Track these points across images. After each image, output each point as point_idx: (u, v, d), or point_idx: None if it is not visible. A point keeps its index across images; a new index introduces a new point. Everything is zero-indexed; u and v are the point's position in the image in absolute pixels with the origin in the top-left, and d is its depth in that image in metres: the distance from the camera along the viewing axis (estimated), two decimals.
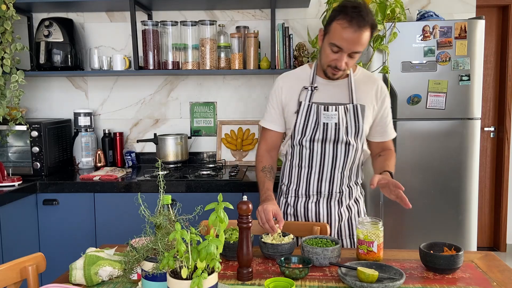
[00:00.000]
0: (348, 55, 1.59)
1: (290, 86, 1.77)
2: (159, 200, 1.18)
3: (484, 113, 4.03)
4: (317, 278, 1.34)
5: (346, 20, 1.53)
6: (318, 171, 1.74)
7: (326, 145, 1.71)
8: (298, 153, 1.76)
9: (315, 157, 1.73)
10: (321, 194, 1.77)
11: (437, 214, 2.41)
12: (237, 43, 2.77)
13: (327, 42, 1.60)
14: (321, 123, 1.69)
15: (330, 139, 1.70)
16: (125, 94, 3.09)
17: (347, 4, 1.56)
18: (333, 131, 1.69)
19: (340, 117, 1.68)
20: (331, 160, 1.72)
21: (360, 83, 1.73)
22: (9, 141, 2.77)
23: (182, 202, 1.28)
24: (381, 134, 1.82)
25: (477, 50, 2.34)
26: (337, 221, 1.78)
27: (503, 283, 1.30)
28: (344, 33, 1.53)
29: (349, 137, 1.70)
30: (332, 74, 1.66)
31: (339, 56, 1.59)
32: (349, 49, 1.57)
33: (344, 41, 1.55)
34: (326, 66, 1.66)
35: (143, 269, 1.12)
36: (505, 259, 3.85)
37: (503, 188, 3.98)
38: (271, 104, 1.81)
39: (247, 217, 1.34)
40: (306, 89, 1.73)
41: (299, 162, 1.77)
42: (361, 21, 1.52)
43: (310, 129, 1.71)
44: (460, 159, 2.39)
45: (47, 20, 2.79)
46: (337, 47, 1.57)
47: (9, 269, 1.33)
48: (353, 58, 1.61)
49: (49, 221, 2.52)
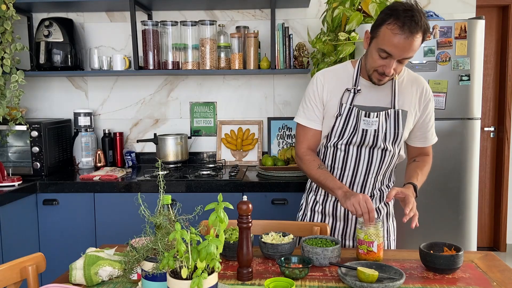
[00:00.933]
0: (397, 61, 1.50)
1: (332, 85, 1.67)
2: (159, 200, 1.18)
3: (484, 113, 4.02)
4: (317, 278, 1.34)
5: (397, 26, 1.42)
6: (351, 175, 1.68)
7: (362, 150, 1.65)
8: (332, 154, 1.70)
9: (350, 160, 1.67)
10: None
11: (437, 214, 2.41)
12: (237, 43, 2.77)
13: (375, 47, 1.51)
14: (360, 128, 1.62)
15: (367, 144, 1.64)
16: (125, 94, 3.09)
17: (398, 6, 1.45)
18: (372, 137, 1.62)
19: (380, 123, 1.61)
20: (365, 164, 1.66)
21: (404, 86, 1.65)
22: (9, 141, 2.77)
23: (182, 202, 1.28)
24: (422, 139, 1.75)
25: (477, 50, 2.34)
26: None
27: (503, 283, 1.30)
28: (394, 39, 1.43)
29: (387, 143, 1.63)
30: (378, 80, 1.57)
31: (387, 62, 1.50)
32: (399, 56, 1.47)
33: (395, 48, 1.45)
34: (372, 71, 1.56)
35: (143, 269, 1.12)
36: (505, 259, 3.85)
37: (503, 188, 3.98)
38: (312, 101, 1.69)
39: (247, 217, 1.34)
40: (349, 91, 1.64)
41: (332, 163, 1.71)
42: (414, 26, 1.41)
43: (348, 133, 1.64)
44: (460, 159, 2.39)
45: (47, 20, 2.79)
46: (387, 53, 1.48)
47: (9, 269, 1.33)
48: (402, 64, 1.53)
49: (49, 221, 2.52)
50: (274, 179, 2.51)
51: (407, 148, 1.80)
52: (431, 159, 1.77)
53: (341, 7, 2.42)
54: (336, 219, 1.76)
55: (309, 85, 1.73)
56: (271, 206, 2.46)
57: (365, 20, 2.36)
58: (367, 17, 2.38)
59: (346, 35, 2.35)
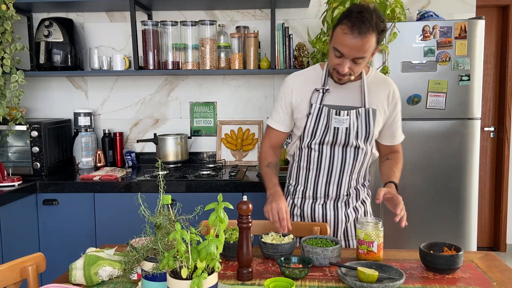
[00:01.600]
0: (351, 60, 1.55)
1: (301, 88, 1.72)
2: (159, 200, 1.18)
3: (484, 113, 4.02)
4: (317, 278, 1.34)
5: (347, 26, 1.48)
6: (326, 174, 1.72)
7: (336, 149, 1.69)
8: (307, 155, 1.74)
9: (324, 160, 1.71)
10: (328, 197, 1.75)
11: (437, 214, 2.41)
12: (237, 43, 2.77)
13: (331, 46, 1.58)
14: (332, 127, 1.66)
15: (340, 143, 1.68)
16: (125, 94, 3.09)
17: (353, 8, 1.52)
18: (344, 135, 1.66)
19: (351, 121, 1.65)
20: (340, 163, 1.70)
21: (372, 86, 1.70)
22: (9, 141, 2.77)
23: (182, 202, 1.28)
24: (390, 137, 1.81)
25: (477, 50, 2.34)
26: (344, 222, 1.77)
27: (503, 283, 1.30)
28: (345, 39, 1.50)
29: (359, 141, 1.67)
30: (337, 79, 1.63)
31: (341, 61, 1.56)
32: (350, 55, 1.53)
33: (345, 47, 1.51)
34: (332, 70, 1.63)
35: (143, 269, 1.12)
36: (505, 259, 3.85)
37: (503, 188, 3.98)
38: (280, 104, 1.77)
39: (247, 217, 1.34)
40: (318, 91, 1.69)
41: (307, 164, 1.75)
42: (363, 27, 1.46)
43: (320, 132, 1.68)
44: (460, 159, 2.39)
45: (47, 20, 2.79)
46: (339, 52, 1.54)
47: (9, 269, 1.33)
48: (357, 64, 1.56)
49: (49, 221, 2.52)
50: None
51: (378, 147, 1.84)
52: (402, 156, 1.84)
53: (341, 7, 2.42)
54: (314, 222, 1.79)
55: (280, 88, 1.79)
56: None
57: None
58: None
59: None
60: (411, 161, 2.40)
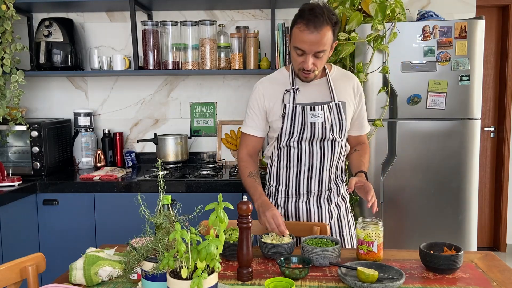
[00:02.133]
0: (313, 55, 1.63)
1: (272, 91, 1.78)
2: (159, 200, 1.18)
3: (484, 113, 4.02)
4: (317, 278, 1.34)
5: (303, 24, 1.58)
6: (307, 170, 1.77)
7: (314, 144, 1.75)
8: (286, 154, 1.78)
9: (304, 156, 1.76)
10: (311, 193, 1.80)
11: (437, 214, 2.41)
12: (237, 43, 2.77)
13: (292, 47, 1.66)
14: (308, 123, 1.72)
15: (318, 137, 1.74)
16: (125, 94, 3.09)
17: (304, 7, 1.62)
18: (320, 130, 1.73)
19: (326, 115, 1.73)
20: (319, 158, 1.76)
21: (337, 81, 1.79)
22: (9, 141, 2.77)
23: (182, 202, 1.28)
24: (359, 128, 1.89)
25: (477, 50, 2.34)
26: (328, 219, 1.82)
27: (503, 283, 1.30)
28: (302, 36, 1.59)
29: (334, 134, 1.75)
30: (304, 77, 1.70)
31: (304, 58, 1.64)
32: (311, 50, 1.61)
33: (304, 44, 1.60)
34: (298, 70, 1.70)
35: (143, 269, 1.12)
36: (505, 259, 3.85)
37: (503, 188, 3.98)
38: (253, 110, 1.82)
39: (247, 217, 1.34)
40: (289, 92, 1.75)
41: (287, 162, 1.79)
42: (317, 22, 1.56)
43: (297, 130, 1.73)
44: (460, 159, 2.39)
45: (47, 20, 2.79)
46: (300, 49, 1.62)
47: (9, 269, 1.33)
48: (319, 59, 1.64)
49: (49, 221, 2.52)
50: None
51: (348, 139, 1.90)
52: (368, 146, 1.93)
53: (341, 7, 2.42)
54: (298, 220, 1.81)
55: (250, 95, 1.84)
56: None
57: (365, 20, 2.36)
58: (367, 17, 2.38)
59: (346, 35, 2.35)
60: (411, 161, 2.41)
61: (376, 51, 2.34)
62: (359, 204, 2.47)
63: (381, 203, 2.42)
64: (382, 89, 2.37)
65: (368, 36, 2.33)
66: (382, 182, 2.42)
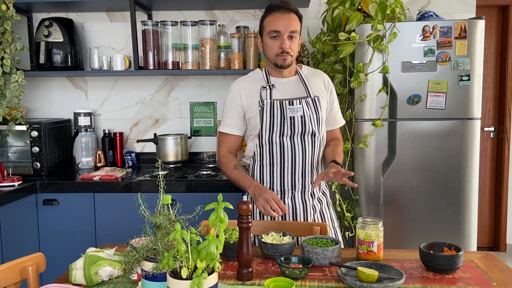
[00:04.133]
0: (288, 37, 1.75)
1: (248, 89, 1.86)
2: (159, 200, 1.18)
3: (484, 113, 4.02)
4: (317, 278, 1.34)
5: (274, 10, 1.77)
6: (290, 165, 1.82)
7: (295, 139, 1.80)
8: (268, 151, 1.82)
9: (286, 152, 1.81)
10: (295, 188, 1.84)
11: (437, 214, 2.41)
12: (237, 43, 2.77)
13: (266, 36, 1.78)
14: (288, 117, 1.78)
15: (298, 132, 1.80)
16: (125, 94, 3.09)
17: (272, 3, 1.84)
18: (300, 123, 1.79)
19: (304, 109, 1.80)
20: (301, 153, 1.81)
21: (309, 77, 1.89)
22: (9, 141, 2.77)
23: (182, 202, 1.28)
24: (332, 122, 1.96)
25: (477, 50, 2.34)
26: (312, 213, 1.86)
27: (503, 283, 1.30)
28: (276, 18, 1.75)
29: (314, 128, 1.81)
30: (282, 60, 1.78)
31: (281, 40, 1.75)
32: (286, 30, 1.74)
33: (279, 25, 1.74)
34: (275, 57, 1.78)
35: (143, 269, 1.12)
36: (505, 259, 3.85)
37: (503, 188, 3.98)
38: (230, 110, 1.88)
39: (247, 217, 1.34)
40: (265, 88, 1.83)
41: (270, 160, 1.83)
42: (285, 6, 1.76)
43: (277, 124, 1.79)
44: (460, 159, 2.39)
45: (47, 20, 2.79)
46: (275, 31, 1.75)
47: (9, 269, 1.33)
48: (293, 41, 1.77)
49: (49, 221, 2.52)
50: None
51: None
52: (342, 142, 1.99)
53: (341, 7, 2.42)
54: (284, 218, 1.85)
55: (226, 97, 1.92)
56: None
57: (365, 20, 2.36)
58: (367, 17, 2.38)
59: (346, 35, 2.35)
60: (411, 161, 2.41)
61: (376, 51, 2.34)
62: (359, 204, 2.47)
63: (381, 203, 2.42)
64: (382, 89, 2.37)
65: (368, 36, 2.33)
66: (382, 182, 2.42)
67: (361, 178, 2.45)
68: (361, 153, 2.45)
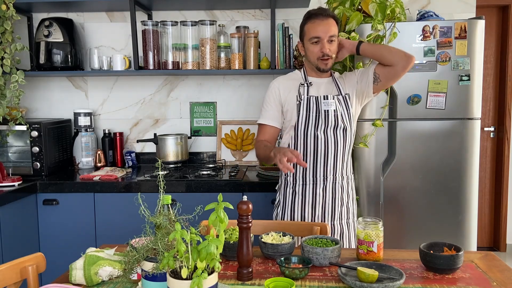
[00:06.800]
0: (327, 42, 1.89)
1: (286, 85, 2.00)
2: (159, 200, 1.18)
3: (484, 113, 4.02)
4: (317, 278, 1.34)
5: (313, 18, 1.91)
6: (323, 157, 1.93)
7: (328, 132, 1.93)
8: (303, 143, 1.94)
9: (320, 144, 1.92)
10: (327, 179, 1.95)
11: (437, 214, 2.41)
12: (237, 43, 2.77)
13: (308, 42, 1.93)
14: (322, 110, 1.92)
15: (331, 125, 1.93)
16: (125, 94, 3.09)
17: (310, 11, 1.96)
18: (333, 117, 1.93)
19: (336, 104, 1.94)
20: (333, 145, 1.93)
21: (339, 78, 2.06)
22: (9, 141, 2.77)
23: (182, 202, 1.28)
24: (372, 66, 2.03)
25: (477, 50, 2.34)
26: (340, 205, 1.98)
27: (503, 283, 1.30)
28: (316, 25, 1.89)
29: (345, 122, 1.95)
30: (324, 64, 1.93)
31: (321, 45, 1.90)
32: (325, 35, 1.88)
33: (319, 31, 1.89)
34: (317, 61, 1.93)
35: (143, 269, 1.12)
36: (505, 259, 3.85)
37: (503, 188, 3.98)
38: (269, 103, 2.01)
39: (247, 217, 1.34)
40: (303, 85, 1.98)
41: (304, 151, 1.94)
42: (323, 13, 1.91)
43: (313, 117, 1.92)
44: (460, 159, 2.39)
45: (47, 20, 2.79)
46: (316, 37, 1.89)
47: (9, 269, 1.33)
48: (331, 44, 1.91)
49: (49, 221, 2.52)
50: (274, 179, 2.51)
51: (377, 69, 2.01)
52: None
53: (341, 7, 2.42)
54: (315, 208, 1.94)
55: (266, 92, 2.04)
56: (271, 206, 2.46)
57: (365, 20, 2.36)
58: (367, 17, 2.38)
59: (346, 35, 2.34)
60: (411, 161, 2.40)
61: None
62: (359, 204, 2.47)
63: (381, 203, 2.42)
64: None
65: (368, 36, 2.33)
66: (382, 182, 2.42)
67: (361, 178, 2.45)
68: (361, 153, 2.45)
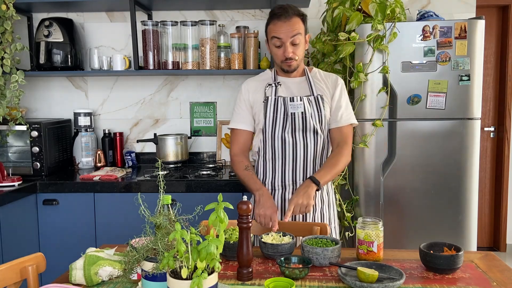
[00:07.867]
0: (291, 44, 1.80)
1: (255, 86, 1.94)
2: (159, 200, 1.18)
3: (484, 113, 4.02)
4: (317, 278, 1.34)
5: (275, 18, 1.80)
6: (292, 161, 1.86)
7: (296, 135, 1.85)
8: (271, 146, 1.88)
9: (288, 147, 1.85)
10: (296, 183, 1.86)
11: (437, 214, 2.41)
12: (237, 43, 2.77)
13: (271, 43, 1.85)
14: (289, 113, 1.84)
15: (299, 128, 1.84)
16: (125, 94, 3.09)
17: (273, 8, 1.85)
18: (301, 119, 1.84)
19: (305, 106, 1.84)
20: (302, 149, 1.85)
21: (317, 79, 1.93)
22: (9, 141, 2.77)
23: (182, 202, 1.28)
24: (335, 119, 1.90)
25: (477, 50, 2.34)
26: (312, 211, 1.88)
27: (503, 283, 1.30)
28: (277, 27, 1.79)
29: (315, 125, 1.84)
30: (288, 66, 1.85)
31: (283, 48, 1.81)
32: (287, 37, 1.79)
33: (280, 32, 1.79)
34: (281, 63, 1.86)
35: (143, 269, 1.12)
36: (505, 259, 3.85)
37: (503, 188, 3.98)
38: (239, 106, 1.95)
39: (247, 217, 1.34)
40: (271, 85, 1.90)
41: (272, 155, 1.88)
42: (286, 12, 1.79)
43: (280, 119, 1.85)
44: (460, 159, 2.39)
45: (47, 20, 2.79)
46: (277, 38, 1.80)
47: (9, 269, 1.33)
48: (296, 46, 1.82)
49: (49, 221, 2.52)
50: None
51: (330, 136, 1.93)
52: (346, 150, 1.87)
53: (341, 7, 2.42)
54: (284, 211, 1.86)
55: (237, 96, 1.98)
56: None
57: (365, 20, 2.36)
58: (367, 17, 2.38)
59: (346, 35, 2.35)
60: (411, 161, 2.41)
61: (376, 51, 2.34)
62: (359, 204, 2.47)
63: (381, 203, 2.42)
64: (382, 89, 2.37)
65: (368, 36, 2.33)
66: (382, 182, 2.42)
67: (361, 178, 2.45)
68: (361, 153, 2.45)
